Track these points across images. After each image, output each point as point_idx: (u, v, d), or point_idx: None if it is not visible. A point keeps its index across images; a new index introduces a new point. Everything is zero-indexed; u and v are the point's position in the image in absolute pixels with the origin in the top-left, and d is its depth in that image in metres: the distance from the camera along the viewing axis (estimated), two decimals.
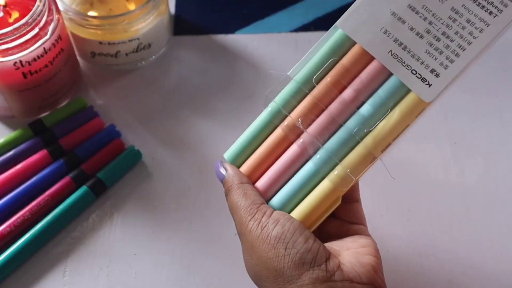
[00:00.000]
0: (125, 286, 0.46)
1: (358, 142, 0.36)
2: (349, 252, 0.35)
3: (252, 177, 0.39)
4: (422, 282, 0.46)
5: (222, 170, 0.39)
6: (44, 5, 0.49)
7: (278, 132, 0.38)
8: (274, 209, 0.37)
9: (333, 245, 0.36)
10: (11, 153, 0.52)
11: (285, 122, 0.38)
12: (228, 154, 0.40)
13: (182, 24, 0.63)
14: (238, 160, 0.39)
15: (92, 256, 0.48)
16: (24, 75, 0.50)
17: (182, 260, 0.48)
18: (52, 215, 0.48)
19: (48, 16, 0.49)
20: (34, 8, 0.48)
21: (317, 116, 0.37)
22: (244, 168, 0.39)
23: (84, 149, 0.52)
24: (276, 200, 0.37)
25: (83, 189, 0.50)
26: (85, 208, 0.50)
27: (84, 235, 0.49)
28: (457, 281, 0.37)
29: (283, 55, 0.60)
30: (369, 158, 0.36)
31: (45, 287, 0.46)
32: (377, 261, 0.35)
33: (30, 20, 0.48)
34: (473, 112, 0.56)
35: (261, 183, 0.38)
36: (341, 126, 0.37)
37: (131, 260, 0.48)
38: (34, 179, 0.50)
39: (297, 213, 0.36)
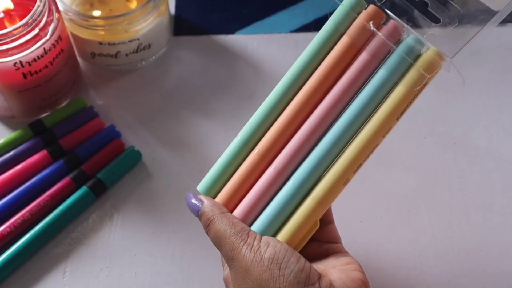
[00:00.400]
0: (125, 287, 0.46)
1: (330, 164, 0.36)
2: (335, 270, 0.36)
3: (228, 207, 0.38)
4: (422, 282, 0.46)
5: (196, 201, 0.38)
6: (44, 5, 0.49)
7: (251, 158, 0.38)
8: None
9: (318, 265, 0.37)
10: (11, 153, 0.52)
11: (256, 149, 0.38)
12: (201, 186, 0.39)
13: (182, 25, 0.63)
14: (212, 191, 0.39)
15: (92, 257, 0.48)
16: (24, 75, 0.50)
17: (182, 260, 0.48)
18: (52, 216, 0.48)
19: (48, 17, 0.50)
20: (34, 9, 0.48)
21: (289, 139, 0.37)
22: (219, 198, 0.38)
23: (84, 150, 0.52)
24: (257, 225, 0.37)
25: (83, 189, 0.50)
26: (85, 209, 0.50)
27: (84, 235, 0.49)
28: (457, 281, 0.36)
29: (283, 56, 0.60)
30: (342, 181, 0.36)
31: (45, 287, 0.46)
32: (365, 277, 0.35)
33: (30, 20, 0.48)
34: (473, 112, 0.56)
35: (239, 211, 0.38)
36: (313, 147, 0.37)
37: (131, 260, 0.48)
38: (34, 179, 0.50)
39: (281, 237, 0.37)
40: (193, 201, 0.39)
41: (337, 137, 0.36)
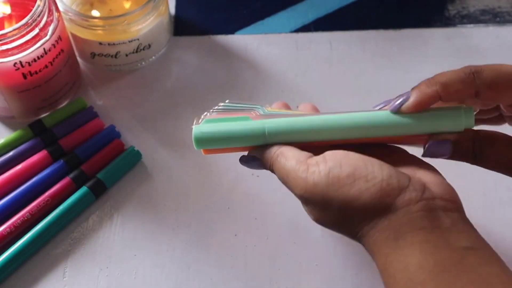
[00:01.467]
0: (125, 287, 0.46)
1: None
2: (422, 171, 0.34)
3: None
4: None
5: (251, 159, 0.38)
6: (44, 5, 0.49)
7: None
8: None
9: (402, 170, 0.35)
10: (11, 153, 0.52)
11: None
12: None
13: (182, 25, 0.63)
14: None
15: (92, 257, 0.48)
16: (24, 75, 0.50)
17: (182, 260, 0.48)
18: (52, 216, 0.48)
19: (48, 17, 0.50)
20: (34, 9, 0.48)
21: None
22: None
23: (84, 150, 0.52)
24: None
25: (83, 189, 0.50)
26: (85, 209, 0.50)
27: (84, 235, 0.49)
28: None
29: (283, 56, 0.60)
30: None
31: (45, 287, 0.46)
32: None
33: (30, 20, 0.48)
34: None
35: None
36: None
37: (131, 260, 0.48)
38: (34, 179, 0.50)
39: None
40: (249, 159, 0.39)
41: None
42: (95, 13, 0.56)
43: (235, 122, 0.39)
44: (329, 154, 0.34)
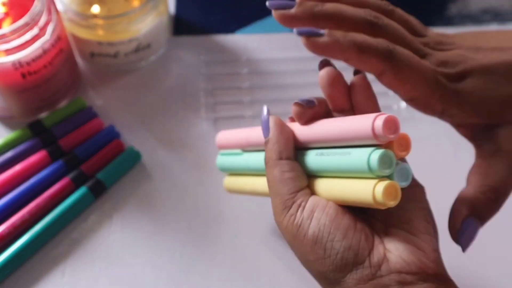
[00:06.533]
0: (125, 287, 0.46)
1: None
2: (399, 235, 0.32)
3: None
4: None
5: (265, 127, 0.37)
6: (43, 5, 0.49)
7: None
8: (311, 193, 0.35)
9: (377, 224, 0.34)
10: (10, 153, 0.52)
11: None
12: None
13: (182, 24, 0.63)
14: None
15: (92, 257, 0.48)
16: (23, 75, 0.50)
17: (181, 260, 0.48)
18: (51, 216, 0.48)
19: (47, 17, 0.49)
20: (32, 8, 0.48)
21: None
22: None
23: (83, 150, 0.52)
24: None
25: (82, 190, 0.50)
26: (85, 209, 0.50)
27: (83, 236, 0.49)
28: (457, 281, 0.36)
29: (283, 56, 0.60)
30: None
31: (45, 287, 0.46)
32: (431, 240, 0.32)
33: (29, 20, 0.48)
34: None
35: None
36: None
37: (130, 261, 0.48)
38: (33, 179, 0.50)
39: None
40: (265, 124, 0.37)
41: None
42: (94, 12, 0.55)
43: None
44: (310, 203, 0.34)
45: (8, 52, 0.48)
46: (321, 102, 0.37)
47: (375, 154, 0.31)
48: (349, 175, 0.34)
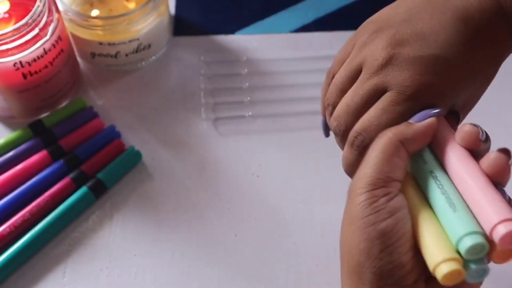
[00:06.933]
0: (125, 287, 0.46)
1: None
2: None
3: None
4: None
5: None
6: (44, 5, 0.49)
7: None
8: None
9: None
10: (11, 153, 0.52)
11: None
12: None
13: (182, 25, 0.63)
14: None
15: (92, 257, 0.48)
16: (24, 75, 0.50)
17: (181, 260, 0.48)
18: (52, 216, 0.48)
19: (48, 17, 0.50)
20: (34, 9, 0.48)
21: None
22: None
23: (84, 150, 0.52)
24: None
25: (83, 189, 0.50)
26: (85, 209, 0.50)
27: (84, 235, 0.49)
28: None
29: (283, 56, 0.60)
30: None
31: (45, 287, 0.46)
32: None
33: (30, 20, 0.48)
34: (474, 113, 0.55)
35: None
36: None
37: (131, 260, 0.48)
38: (34, 179, 0.50)
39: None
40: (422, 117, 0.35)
41: None
42: (95, 13, 0.56)
43: None
44: (398, 200, 0.31)
45: (9, 52, 0.48)
46: None
47: (471, 239, 0.28)
48: (439, 217, 0.31)
